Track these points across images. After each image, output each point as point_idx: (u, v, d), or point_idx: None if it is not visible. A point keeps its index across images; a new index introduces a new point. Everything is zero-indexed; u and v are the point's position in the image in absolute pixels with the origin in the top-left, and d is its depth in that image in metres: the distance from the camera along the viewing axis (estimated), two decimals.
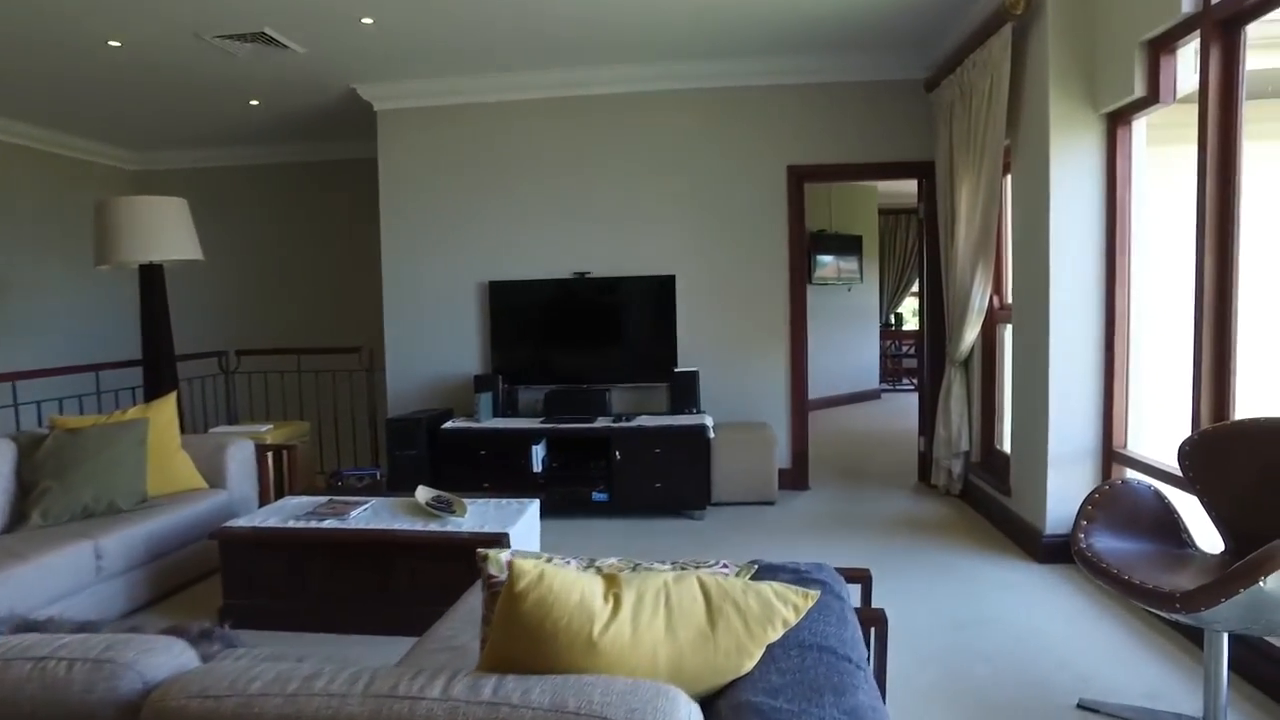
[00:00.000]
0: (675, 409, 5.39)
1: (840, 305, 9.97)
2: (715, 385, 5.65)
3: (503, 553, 1.54)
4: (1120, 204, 3.81)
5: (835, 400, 9.83)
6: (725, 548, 4.46)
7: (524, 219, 5.79)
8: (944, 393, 5.26)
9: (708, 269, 5.66)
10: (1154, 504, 2.66)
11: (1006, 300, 4.89)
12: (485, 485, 5.11)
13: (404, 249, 5.90)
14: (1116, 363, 3.86)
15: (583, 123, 5.70)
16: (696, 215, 5.65)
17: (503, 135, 5.78)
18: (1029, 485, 4.21)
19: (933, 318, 5.55)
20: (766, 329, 5.66)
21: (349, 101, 5.88)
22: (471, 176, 5.82)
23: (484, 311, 5.81)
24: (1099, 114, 3.84)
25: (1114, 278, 3.84)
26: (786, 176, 5.58)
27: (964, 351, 5.06)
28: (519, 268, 5.77)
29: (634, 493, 5.04)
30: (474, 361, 5.87)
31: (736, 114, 5.59)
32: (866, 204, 10.31)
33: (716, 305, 5.67)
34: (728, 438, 5.25)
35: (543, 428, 5.16)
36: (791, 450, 5.67)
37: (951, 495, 5.32)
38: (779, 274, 5.62)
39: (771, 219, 5.61)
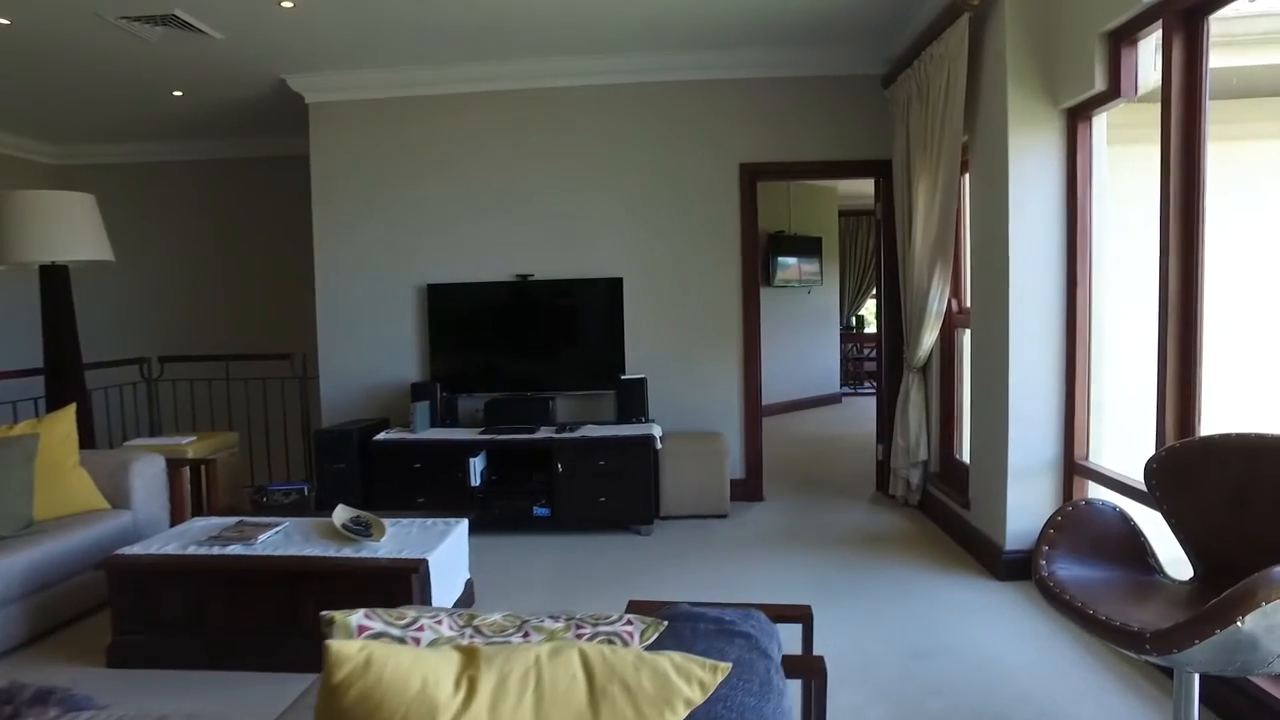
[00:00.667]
0: (622, 418, 5.14)
1: (800, 308, 9.79)
2: (665, 393, 5.40)
3: (352, 615, 1.27)
4: (1081, 204, 3.63)
5: (795, 405, 9.64)
6: (672, 565, 4.22)
7: (465, 219, 5.50)
8: (902, 399, 5.07)
9: (657, 271, 5.41)
10: (1119, 527, 2.46)
11: (965, 303, 4.71)
12: (420, 500, 4.82)
13: (338, 250, 5.58)
14: (1078, 371, 3.68)
15: (525, 118, 5.43)
16: (645, 215, 5.41)
17: (441, 131, 5.49)
18: (988, 498, 4.02)
19: (890, 321, 5.36)
20: (719, 334, 5.43)
21: (279, 94, 5.55)
22: (409, 174, 5.52)
23: (423, 316, 5.51)
24: (1059, 109, 3.66)
25: (1075, 281, 3.66)
26: (739, 175, 5.35)
27: (922, 357, 4.87)
28: (459, 270, 5.49)
29: (577, 507, 4.78)
30: (413, 368, 5.57)
31: (686, 109, 5.35)
32: (826, 205, 10.14)
33: (667, 309, 5.43)
34: (677, 448, 5.01)
35: (481, 439, 4.88)
36: (745, 460, 5.45)
37: (910, 506, 5.13)
38: (732, 276, 5.40)
39: (724, 219, 5.38)
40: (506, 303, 5.42)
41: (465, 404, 5.42)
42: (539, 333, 5.41)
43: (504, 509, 4.83)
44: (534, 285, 5.41)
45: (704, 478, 4.98)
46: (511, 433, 4.93)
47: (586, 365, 5.36)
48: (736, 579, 3.98)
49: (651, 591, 3.82)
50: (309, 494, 4.82)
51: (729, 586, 3.87)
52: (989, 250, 3.96)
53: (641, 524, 4.77)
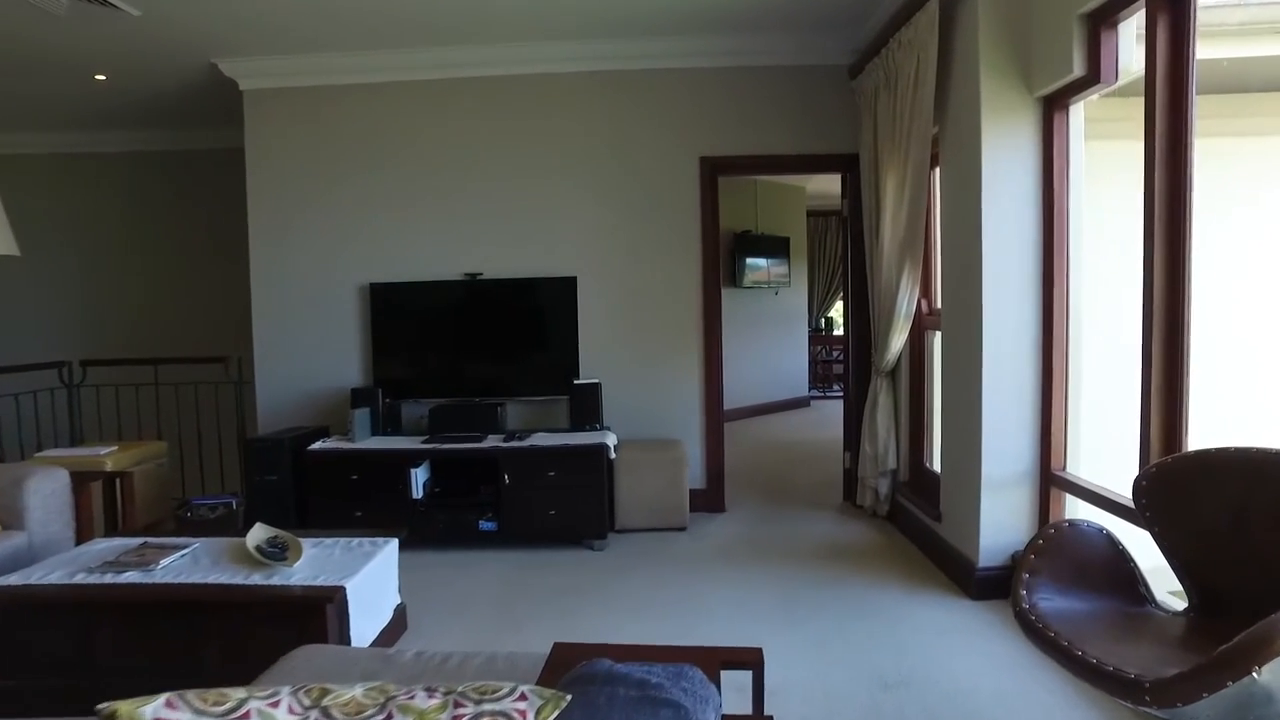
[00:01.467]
0: (576, 425, 4.85)
1: (768, 309, 9.55)
2: (622, 398, 5.12)
3: (149, 703, 0.97)
4: (1058, 198, 3.40)
5: (762, 409, 9.40)
6: (625, 584, 3.93)
7: (410, 215, 5.18)
8: (869, 405, 4.83)
9: (614, 270, 5.13)
10: (1106, 551, 2.21)
11: (935, 304, 4.48)
12: (358, 514, 4.49)
13: (275, 247, 5.22)
14: (1055, 375, 3.45)
15: (475, 108, 5.12)
16: (601, 211, 5.12)
17: (386, 121, 5.16)
18: (960, 511, 3.78)
19: (858, 323, 5.12)
20: (679, 336, 5.15)
21: (211, 80, 5.18)
22: (352, 166, 5.18)
23: (365, 317, 5.18)
24: (1034, 97, 3.42)
25: (1051, 280, 3.43)
26: (699, 169, 5.08)
27: (890, 360, 4.63)
28: (404, 268, 5.16)
29: (526, 521, 4.48)
30: (355, 373, 5.24)
31: (644, 100, 5.07)
32: (794, 205, 9.92)
33: (623, 310, 5.15)
34: (634, 457, 4.73)
35: (424, 448, 4.56)
36: (706, 469, 5.18)
37: (878, 517, 4.89)
38: (692, 275, 5.12)
39: (684, 215, 5.11)
40: (454, 303, 5.10)
41: (410, 410, 5.10)
42: (488, 335, 5.10)
43: (448, 523, 4.52)
44: (483, 284, 5.10)
45: (662, 488, 4.70)
46: (456, 441, 4.61)
47: (538, 369, 5.07)
48: (692, 599, 3.70)
49: (599, 614, 3.54)
50: (238, 508, 4.47)
51: (684, 608, 3.60)
52: (961, 248, 3.72)
53: (595, 538, 4.48)
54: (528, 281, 5.06)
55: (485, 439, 4.67)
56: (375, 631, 3.05)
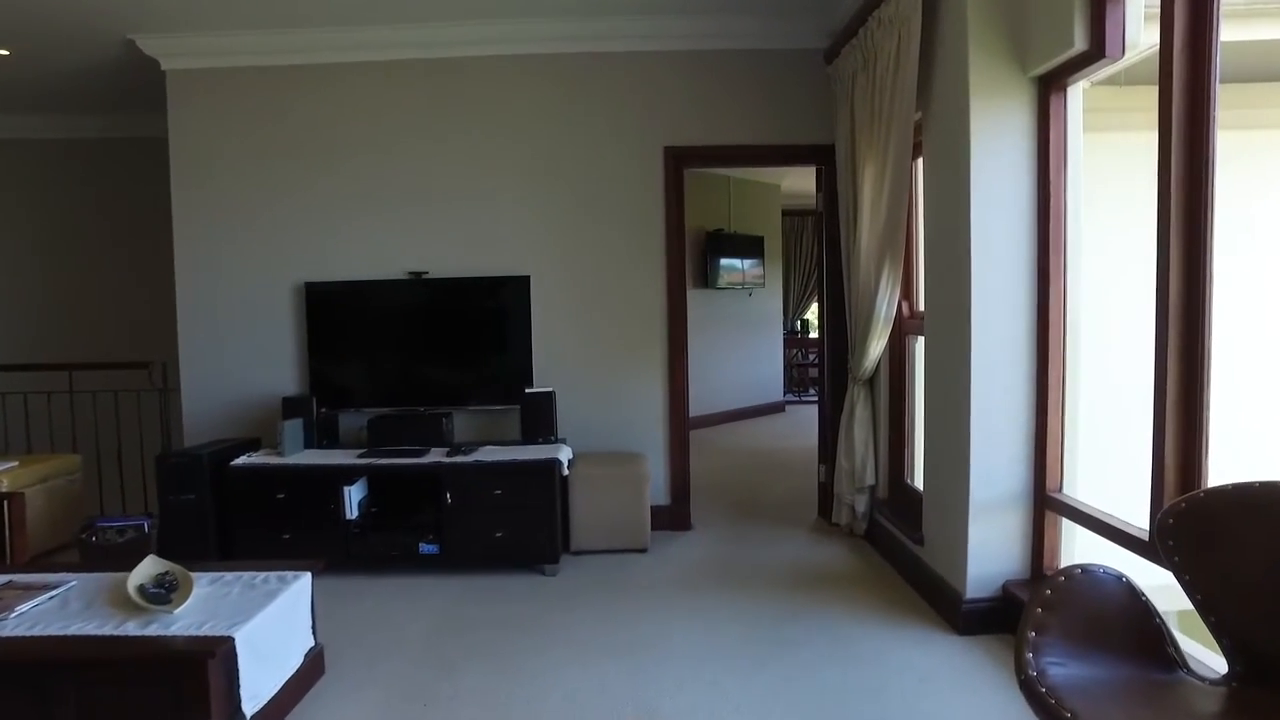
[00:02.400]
0: (528, 437, 4.45)
1: (741, 311, 9.20)
2: (579, 408, 4.73)
3: None
4: (1055, 189, 3.05)
5: (736, 414, 9.05)
6: (575, 615, 3.54)
7: (350, 209, 4.75)
8: (846, 416, 4.47)
9: (570, 269, 4.73)
10: (1127, 603, 1.85)
11: (918, 307, 4.13)
12: (286, 537, 4.07)
13: (202, 243, 4.77)
14: (1051, 386, 3.10)
15: (420, 93, 4.70)
16: (556, 206, 4.73)
17: (323, 106, 4.73)
18: (945, 535, 3.43)
19: (834, 327, 4.76)
20: (641, 341, 4.76)
21: (128, 59, 4.72)
22: (285, 156, 4.75)
23: (301, 319, 4.74)
24: (1029, 77, 3.07)
25: (1048, 280, 3.08)
26: (663, 159, 4.70)
27: (869, 368, 4.27)
28: (344, 267, 4.74)
29: (470, 543, 4.07)
30: (290, 380, 4.80)
31: (603, 85, 4.68)
32: (768, 203, 9.58)
33: (581, 312, 4.75)
34: (590, 473, 4.34)
35: (359, 463, 4.14)
36: (670, 484, 4.79)
37: (856, 536, 4.53)
38: (655, 275, 4.74)
39: (647, 210, 4.72)
40: (397, 304, 4.69)
41: (349, 421, 4.68)
42: (434, 339, 4.69)
43: (385, 546, 4.10)
44: (429, 284, 4.69)
45: (621, 506, 4.32)
46: (395, 456, 4.20)
47: (488, 376, 4.66)
48: (647, 635, 3.31)
49: (541, 653, 3.13)
50: (150, 531, 4.03)
51: (636, 646, 3.20)
52: (947, 245, 3.37)
53: (546, 562, 4.08)
54: (477, 281, 4.66)
55: (428, 453, 4.26)
56: (278, 684, 2.64)
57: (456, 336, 4.68)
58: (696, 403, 8.49)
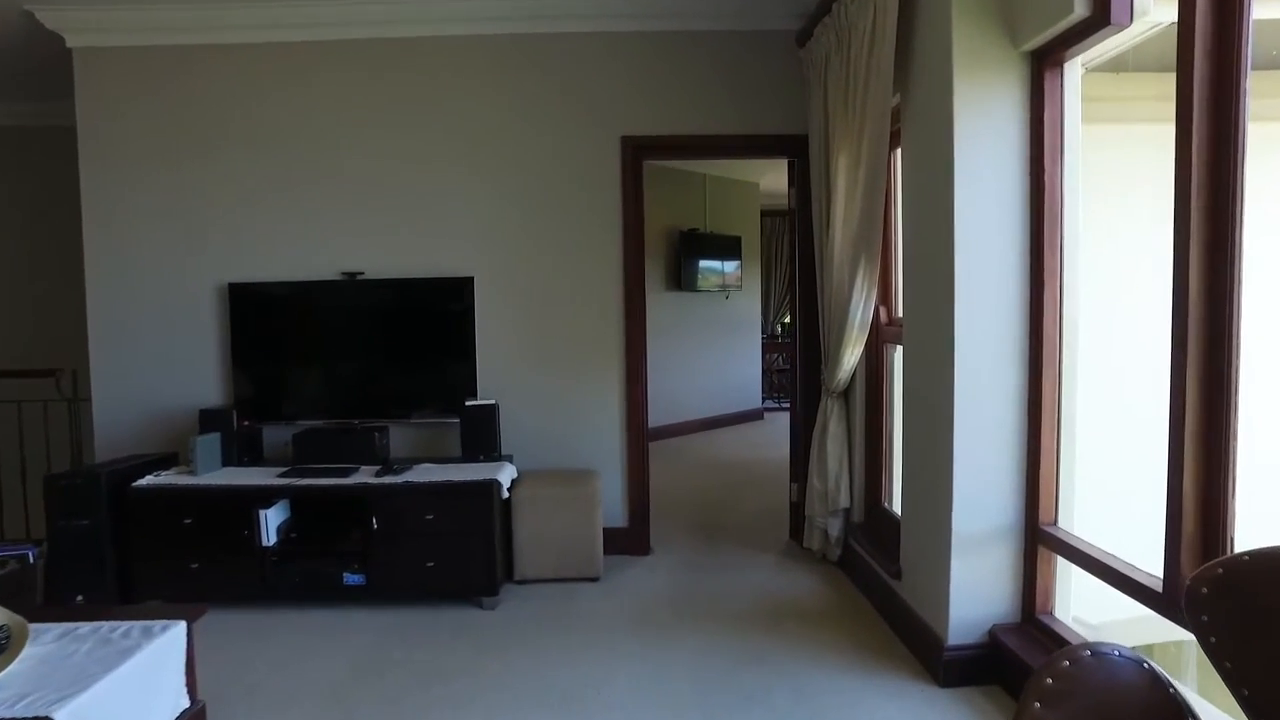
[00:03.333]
0: (469, 454, 4.04)
1: (717, 315, 8.81)
2: (527, 421, 4.32)
3: None
4: (1050, 180, 2.67)
5: (712, 422, 8.66)
6: (510, 657, 3.13)
7: (278, 202, 4.32)
8: (819, 432, 4.08)
9: (517, 270, 4.33)
10: (1148, 697, 1.46)
11: (896, 313, 3.75)
12: (194, 567, 3.64)
13: (115, 240, 4.33)
14: (1044, 405, 2.72)
15: (353, 76, 4.29)
16: (502, 201, 4.32)
17: (248, 90, 4.30)
18: (925, 571, 3.04)
19: (807, 334, 4.37)
20: (596, 347, 4.36)
21: (28, 33, 4.26)
22: (206, 144, 4.32)
23: (224, 323, 4.31)
24: (1020, 52, 2.70)
25: (1041, 285, 2.70)
26: (620, 150, 4.30)
27: (843, 379, 3.89)
28: (271, 266, 4.32)
29: (399, 573, 3.66)
30: (213, 389, 4.37)
31: (554, 69, 4.28)
32: (746, 202, 9.19)
33: (529, 316, 4.35)
34: (537, 494, 3.93)
35: (277, 484, 3.72)
36: (628, 505, 4.39)
37: (829, 562, 4.14)
38: (611, 276, 4.34)
39: (602, 205, 4.32)
40: (330, 307, 4.27)
41: (276, 435, 4.26)
42: (370, 345, 4.27)
43: (306, 576, 3.68)
44: (364, 286, 4.27)
45: (570, 531, 3.91)
46: (319, 475, 3.78)
47: (428, 386, 4.25)
48: (590, 682, 2.91)
49: (465, 709, 2.72)
50: (35, 561, 3.59)
51: (575, 697, 2.80)
52: (928, 244, 2.99)
53: (483, 595, 3.67)
54: (417, 283, 4.24)
55: (356, 472, 3.84)
56: None
57: (394, 343, 4.27)
58: (669, 411, 8.15)
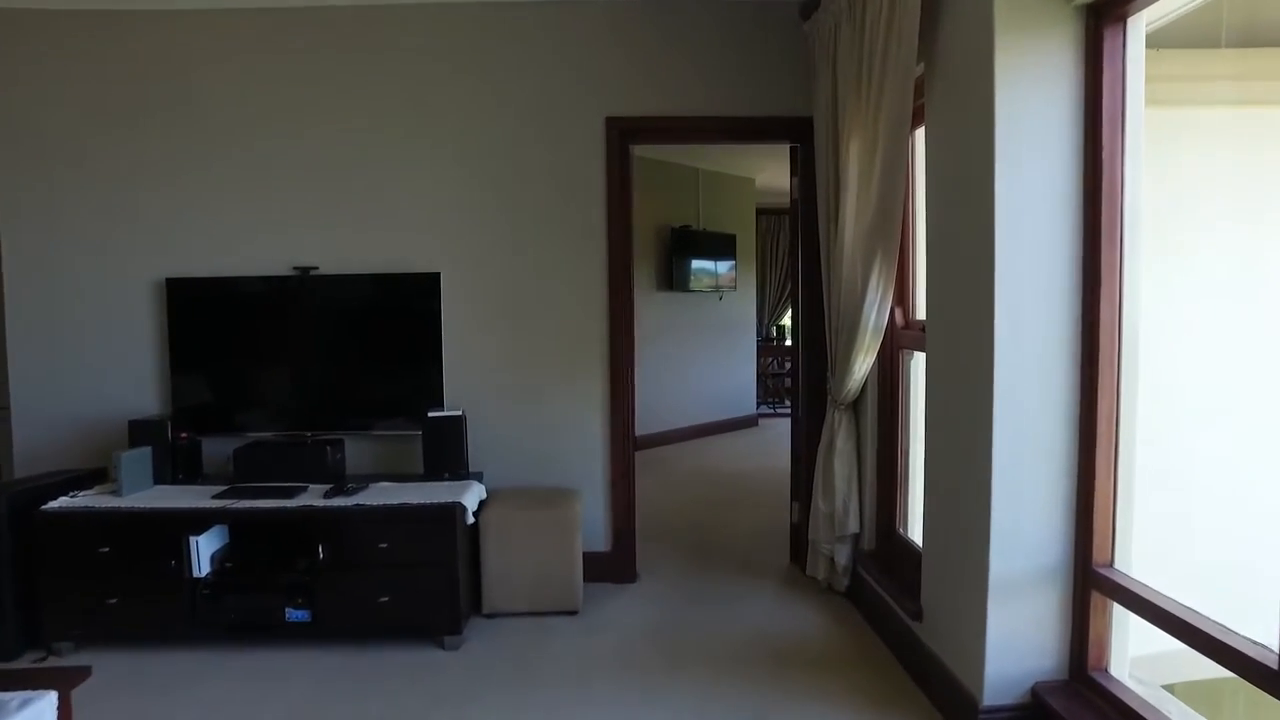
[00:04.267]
0: (431, 472, 3.60)
1: (711, 316, 8.39)
2: (500, 434, 3.89)
3: None
4: (1110, 160, 2.25)
5: (705, 429, 8.23)
6: (471, 710, 2.69)
7: (223, 188, 3.87)
8: (824, 448, 3.65)
9: (488, 265, 3.90)
10: None
11: (915, 315, 3.33)
12: (111, 602, 3.19)
13: (34, 230, 3.86)
14: (1100, 424, 2.30)
15: (304, 47, 3.84)
16: (472, 189, 3.88)
17: (190, 61, 3.85)
18: (954, 615, 2.62)
19: (810, 339, 3.95)
20: (576, 352, 3.93)
21: None
22: (139, 122, 3.86)
23: (162, 323, 3.86)
24: (1074, 6, 2.28)
25: (1099, 283, 2.28)
26: (604, 133, 3.87)
27: (852, 389, 3.46)
28: (214, 259, 3.86)
29: (350, 609, 3.21)
30: (151, 397, 3.92)
31: (531, 41, 3.85)
32: (742, 198, 8.78)
33: (502, 317, 3.92)
34: (508, 517, 3.50)
35: (211, 507, 3.26)
36: (611, 526, 3.96)
37: (835, 593, 3.72)
38: (594, 272, 3.91)
39: (584, 194, 3.89)
40: (280, 305, 3.82)
41: (219, 449, 3.80)
42: (324, 348, 3.83)
43: (244, 611, 3.23)
44: (318, 282, 3.83)
45: (545, 559, 3.48)
46: (261, 496, 3.32)
47: (389, 395, 3.81)
48: None
49: None
50: None
51: None
52: (960, 236, 2.56)
53: (446, 633, 3.23)
54: (377, 279, 3.80)
55: (304, 491, 3.39)
56: None
57: (351, 346, 3.83)
58: (659, 418, 7.72)
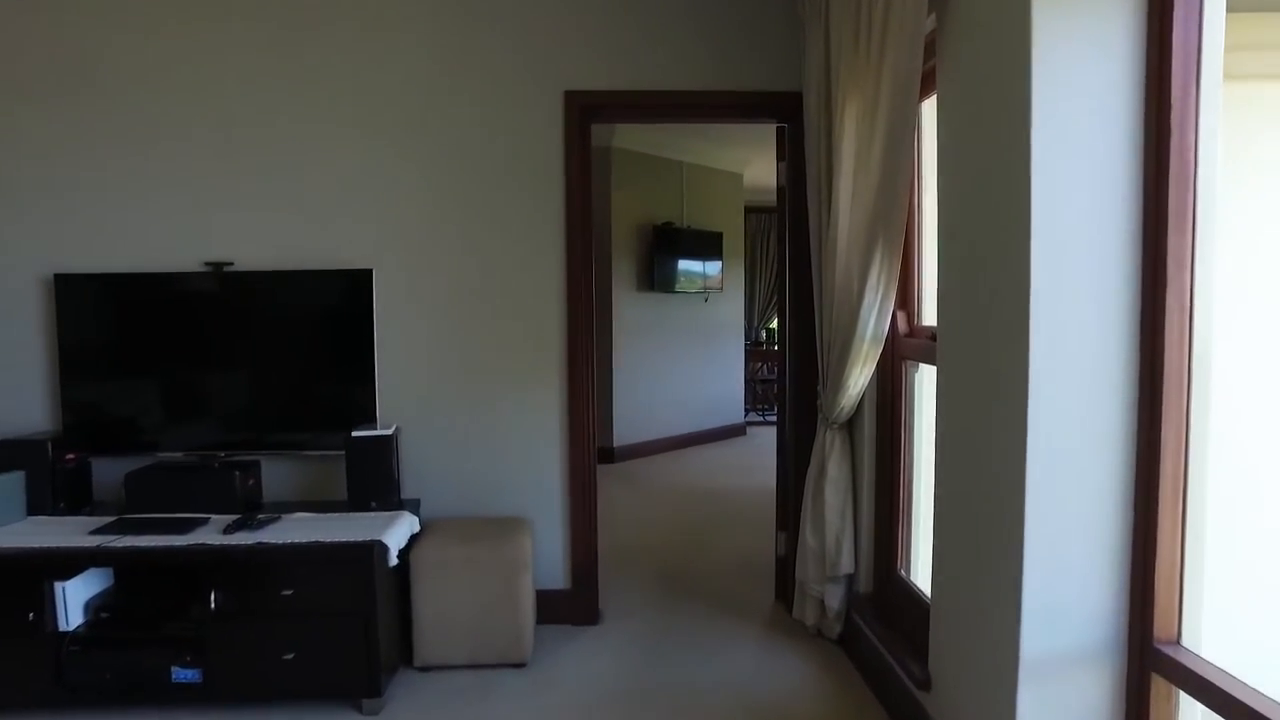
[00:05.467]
0: (357, 500, 3.08)
1: (696, 319, 7.89)
2: (441, 454, 3.39)
3: None
4: (1180, 125, 1.76)
5: (689, 439, 7.74)
6: None
7: (121, 171, 3.36)
8: (814, 473, 3.16)
9: (428, 261, 3.39)
10: None
11: (920, 320, 2.84)
12: None
13: None
14: (1166, 461, 1.80)
15: (217, 17, 3.33)
16: (409, 174, 3.38)
17: (81, 33, 3.33)
18: (973, 692, 2.12)
19: (799, 346, 3.46)
20: (530, 360, 3.43)
21: None
22: (24, 95, 3.35)
23: (50, 325, 3.34)
24: None
25: (1163, 285, 1.78)
26: (563, 109, 3.37)
27: (846, 408, 2.97)
28: (112, 252, 3.34)
29: (249, 667, 2.70)
30: (37, 411, 3.39)
31: (478, 6, 3.35)
32: (729, 195, 8.28)
33: (443, 319, 3.41)
34: (446, 555, 2.99)
35: (85, 546, 2.73)
36: (570, 560, 3.46)
37: (826, 640, 3.22)
38: (551, 271, 3.41)
39: (539, 179, 3.39)
40: (189, 306, 3.30)
41: (117, 472, 3.28)
42: (240, 354, 3.32)
43: (120, 671, 2.71)
44: (234, 279, 3.31)
45: (489, 602, 2.98)
46: (149, 531, 2.81)
47: (314, 408, 3.30)
48: None
49: None
50: None
51: None
52: (984, 225, 2.07)
53: (364, 693, 2.72)
54: (300, 276, 3.28)
55: (204, 525, 2.88)
56: None
57: (271, 352, 3.31)
58: (640, 427, 7.22)
